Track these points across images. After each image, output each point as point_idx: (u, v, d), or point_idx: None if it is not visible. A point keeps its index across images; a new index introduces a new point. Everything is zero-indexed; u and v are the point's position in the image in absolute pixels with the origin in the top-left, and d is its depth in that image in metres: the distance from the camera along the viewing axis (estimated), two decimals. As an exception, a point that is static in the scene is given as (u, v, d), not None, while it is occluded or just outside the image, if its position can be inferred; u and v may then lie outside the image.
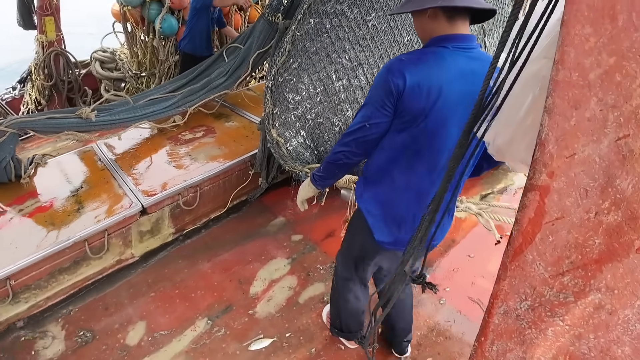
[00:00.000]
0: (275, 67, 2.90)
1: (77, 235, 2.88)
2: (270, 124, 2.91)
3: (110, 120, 3.49)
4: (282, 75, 2.89)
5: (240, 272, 3.15)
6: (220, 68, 4.13)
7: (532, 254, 0.72)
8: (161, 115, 3.80)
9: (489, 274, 3.08)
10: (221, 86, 4.01)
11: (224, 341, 2.67)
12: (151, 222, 3.26)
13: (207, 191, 3.50)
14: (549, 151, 0.69)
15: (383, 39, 3.02)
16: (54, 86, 5.53)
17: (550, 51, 0.82)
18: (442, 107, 1.62)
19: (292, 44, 2.89)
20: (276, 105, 2.90)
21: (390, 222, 1.90)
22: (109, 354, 2.64)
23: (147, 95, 3.88)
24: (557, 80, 0.67)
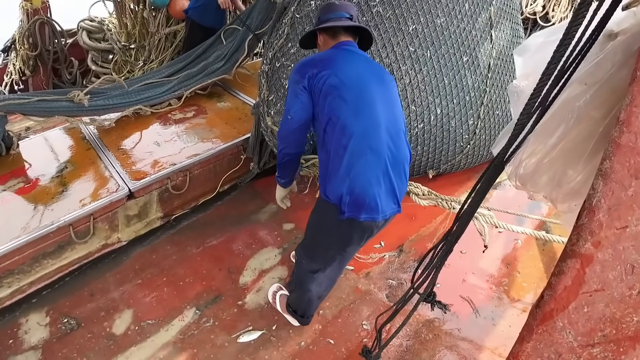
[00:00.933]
0: (272, 50, 2.78)
1: (62, 220, 2.79)
2: (265, 111, 2.80)
3: (103, 105, 3.37)
4: (280, 60, 2.77)
5: (230, 260, 3.09)
6: (218, 51, 4.00)
7: (562, 321, 0.67)
8: (157, 100, 3.69)
9: (480, 271, 3.05)
10: (219, 70, 3.90)
11: (212, 332, 2.63)
12: (139, 207, 3.17)
13: (197, 175, 3.41)
14: (599, 219, 0.62)
15: (387, 26, 2.89)
16: (38, 56, 5.34)
17: (590, 77, 0.74)
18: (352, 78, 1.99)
19: (291, 27, 2.76)
20: (272, 92, 2.79)
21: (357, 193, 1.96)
22: (94, 343, 2.59)
23: (142, 80, 3.75)
24: (619, 143, 0.60)
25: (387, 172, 1.97)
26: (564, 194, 0.90)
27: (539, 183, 0.90)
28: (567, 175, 0.87)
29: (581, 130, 0.81)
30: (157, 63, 5.33)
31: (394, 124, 2.02)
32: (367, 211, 1.96)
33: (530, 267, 3.16)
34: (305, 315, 2.58)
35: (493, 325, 2.76)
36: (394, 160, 1.99)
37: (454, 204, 2.35)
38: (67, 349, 2.56)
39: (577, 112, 0.79)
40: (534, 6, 6.55)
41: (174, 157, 3.34)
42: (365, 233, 2.09)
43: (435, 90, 3.07)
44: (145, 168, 3.21)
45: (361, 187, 1.93)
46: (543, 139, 0.85)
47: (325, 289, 2.49)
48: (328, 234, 2.17)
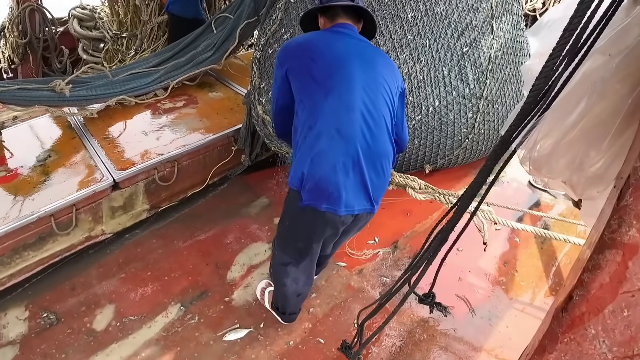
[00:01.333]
0: (265, 36, 2.66)
1: (42, 210, 2.68)
2: (257, 99, 2.69)
3: (86, 95, 3.25)
4: (272, 46, 2.66)
5: (218, 255, 2.97)
6: (208, 40, 3.87)
7: (596, 327, 0.55)
8: (142, 90, 3.56)
9: (477, 269, 2.95)
10: (208, 60, 3.78)
11: (197, 329, 2.52)
12: (124, 198, 3.05)
13: (185, 166, 3.29)
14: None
15: (385, 13, 2.77)
16: (28, 44, 5.21)
17: (614, 46, 0.63)
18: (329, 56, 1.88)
19: (284, 12, 2.65)
20: (263, 79, 2.68)
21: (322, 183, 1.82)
22: (74, 339, 2.47)
23: (128, 69, 3.63)
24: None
25: (358, 161, 1.79)
26: (586, 178, 0.79)
27: (556, 167, 0.79)
28: (589, 157, 0.76)
29: (605, 106, 0.70)
30: (149, 52, 5.21)
31: (373, 111, 1.83)
32: (328, 201, 1.79)
33: (529, 265, 3.06)
34: (286, 312, 2.46)
35: (490, 326, 2.66)
36: (369, 151, 1.81)
37: (452, 199, 2.24)
38: (46, 345, 2.44)
39: (600, 86, 0.68)
40: (534, 2, 6.46)
41: (162, 147, 3.22)
42: (327, 226, 1.92)
43: (434, 81, 2.95)
44: (131, 158, 3.09)
45: (323, 171, 1.76)
46: (561, 117, 0.74)
47: (303, 286, 2.35)
48: (293, 224, 2.04)
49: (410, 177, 2.41)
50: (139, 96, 3.63)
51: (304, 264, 2.20)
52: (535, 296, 2.86)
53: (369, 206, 1.89)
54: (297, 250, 2.13)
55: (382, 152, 1.86)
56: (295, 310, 2.49)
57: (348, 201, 1.80)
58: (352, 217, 1.90)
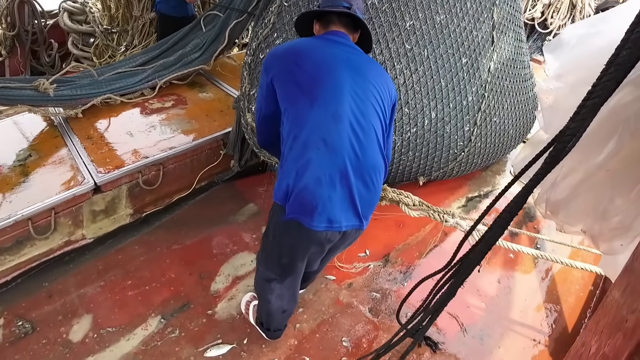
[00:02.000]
0: (257, 40, 2.56)
1: (19, 214, 2.55)
2: (246, 106, 2.59)
3: (70, 95, 3.13)
4: (264, 51, 2.55)
5: (202, 264, 2.86)
6: (197, 40, 3.77)
7: None
8: (129, 89, 3.45)
9: (469, 286, 2.87)
10: (197, 60, 3.68)
11: (177, 344, 2.41)
12: (106, 202, 2.94)
13: (171, 170, 3.18)
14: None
15: (382, 20, 2.67)
16: (16, 37, 5.09)
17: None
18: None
19: (277, 15, 2.54)
20: (254, 86, 2.58)
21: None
22: (49, 350, 2.36)
23: (114, 68, 3.51)
24: None
25: (345, 174, 1.67)
26: (610, 229, 0.70)
27: (576, 213, 0.70)
28: (614, 205, 0.67)
29: (638, 147, 0.61)
30: (140, 48, 5.09)
31: (363, 121, 1.73)
32: (312, 216, 1.67)
33: (522, 282, 2.99)
34: (271, 328, 2.35)
35: (481, 345, 2.59)
36: (357, 163, 1.69)
37: (447, 217, 2.15)
38: (20, 355, 2.32)
39: (634, 124, 0.59)
40: (532, 12, 6.41)
41: (147, 149, 3.10)
42: (312, 243, 1.81)
43: (431, 93, 2.86)
44: (114, 160, 2.97)
45: (307, 183, 1.64)
46: (585, 155, 0.65)
47: (288, 303, 2.23)
48: (277, 239, 1.92)
49: (403, 193, 2.32)
50: (126, 95, 3.50)
51: (288, 280, 2.10)
52: (528, 315, 2.79)
53: (357, 222, 1.77)
54: (281, 267, 2.02)
55: (371, 165, 1.74)
56: (280, 326, 2.39)
57: (335, 217, 1.69)
58: (339, 234, 1.79)
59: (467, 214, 3.51)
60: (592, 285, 3.07)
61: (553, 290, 2.99)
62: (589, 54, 0.69)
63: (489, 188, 3.81)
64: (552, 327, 2.75)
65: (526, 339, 2.67)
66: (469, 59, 2.94)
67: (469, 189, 3.76)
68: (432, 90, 2.86)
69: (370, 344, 2.51)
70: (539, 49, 6.58)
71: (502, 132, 3.37)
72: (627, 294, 0.60)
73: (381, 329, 2.58)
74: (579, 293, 3.01)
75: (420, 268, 2.97)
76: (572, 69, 0.75)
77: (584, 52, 0.72)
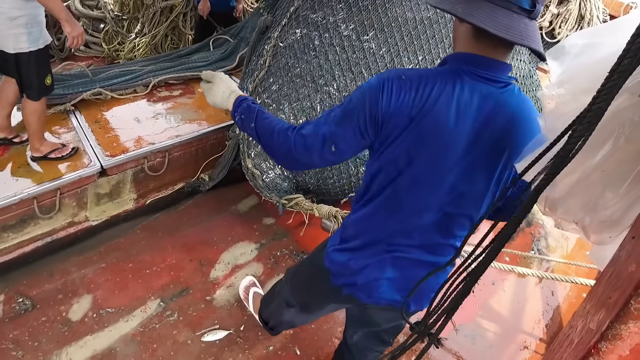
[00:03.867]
0: (253, 82, 2.51)
1: (25, 192, 2.59)
2: (246, 151, 2.61)
3: (61, 94, 3.15)
4: (261, 97, 2.52)
5: (203, 251, 2.90)
6: (203, 54, 3.82)
7: None
8: (121, 86, 3.47)
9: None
10: (198, 69, 3.72)
11: (175, 327, 2.46)
12: (110, 185, 2.97)
13: (176, 157, 3.21)
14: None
15: (380, 66, 2.62)
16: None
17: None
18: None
19: (273, 57, 2.48)
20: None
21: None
22: (48, 327, 2.40)
23: (110, 69, 3.54)
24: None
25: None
26: (599, 221, 0.74)
27: (571, 209, 0.74)
28: (604, 199, 0.71)
29: (631, 149, 0.65)
30: (150, 37, 5.11)
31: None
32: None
33: (516, 285, 3.04)
34: (275, 330, 2.29)
35: (473, 345, 2.63)
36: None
37: None
38: (19, 331, 2.36)
39: (629, 129, 0.63)
40: (540, 21, 6.43)
41: (153, 136, 3.13)
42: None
43: None
44: (122, 145, 3.00)
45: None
46: (583, 157, 0.69)
47: (300, 323, 2.17)
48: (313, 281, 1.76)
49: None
50: (117, 91, 3.48)
51: (305, 314, 1.97)
52: (521, 317, 2.83)
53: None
54: (305, 301, 1.89)
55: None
56: (283, 330, 2.34)
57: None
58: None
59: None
60: (585, 292, 3.11)
61: (546, 295, 3.03)
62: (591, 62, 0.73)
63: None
64: (544, 330, 2.80)
65: (518, 340, 2.72)
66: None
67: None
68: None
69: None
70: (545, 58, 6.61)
71: None
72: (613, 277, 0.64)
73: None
74: (571, 299, 3.06)
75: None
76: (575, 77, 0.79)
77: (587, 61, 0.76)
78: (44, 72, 2.57)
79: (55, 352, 2.28)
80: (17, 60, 2.45)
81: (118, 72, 3.57)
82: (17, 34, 2.37)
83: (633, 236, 0.63)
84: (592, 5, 6.27)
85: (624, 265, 0.61)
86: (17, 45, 2.41)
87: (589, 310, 0.68)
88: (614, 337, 0.52)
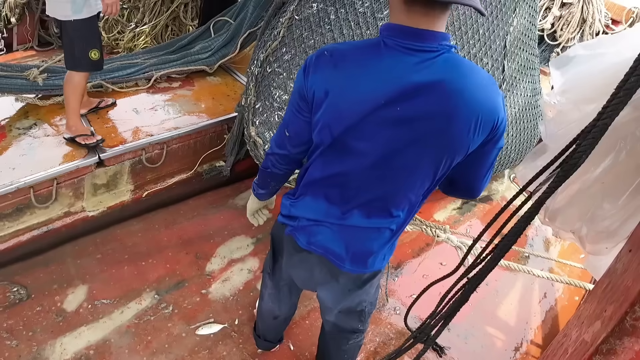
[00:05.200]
0: (265, 52, 2.52)
1: (22, 181, 2.58)
2: (250, 119, 2.60)
3: (61, 85, 3.14)
4: (272, 65, 2.53)
5: (199, 245, 2.91)
6: (205, 43, 3.78)
7: None
8: (122, 79, 3.45)
9: (460, 286, 2.93)
10: (201, 61, 3.70)
11: (170, 320, 2.46)
12: (108, 176, 2.96)
13: (174, 150, 3.20)
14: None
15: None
16: (27, 5, 5.05)
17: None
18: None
19: (287, 29, 2.49)
20: (259, 99, 2.58)
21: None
22: (42, 317, 2.40)
23: (112, 61, 3.51)
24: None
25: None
26: (596, 232, 0.75)
27: (569, 219, 0.75)
28: (602, 210, 0.72)
29: (631, 163, 0.66)
30: (150, 27, 5.08)
31: None
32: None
33: (509, 286, 3.06)
34: (259, 333, 2.31)
35: (465, 344, 2.65)
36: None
37: (439, 232, 2.22)
38: (14, 321, 2.37)
39: (630, 143, 0.64)
40: (542, 23, 6.42)
41: (152, 127, 3.12)
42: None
43: None
44: (119, 136, 3.00)
45: None
46: (584, 169, 0.69)
47: (280, 308, 2.08)
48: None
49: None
50: (118, 84, 3.48)
51: (278, 291, 1.98)
52: (513, 317, 2.85)
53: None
54: (273, 272, 1.94)
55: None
56: (268, 335, 2.31)
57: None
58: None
59: (462, 216, 3.57)
60: (577, 295, 3.13)
61: (540, 295, 3.05)
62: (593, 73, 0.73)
63: (485, 193, 3.86)
64: (537, 331, 2.82)
65: (510, 340, 2.74)
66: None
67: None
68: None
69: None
70: (546, 60, 6.61)
71: (503, 156, 3.40)
72: (608, 290, 0.65)
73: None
74: (563, 302, 3.08)
75: (411, 265, 3.02)
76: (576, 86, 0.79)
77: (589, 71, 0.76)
78: (87, 44, 2.65)
79: (49, 342, 2.29)
80: (61, 28, 2.61)
81: (120, 65, 3.54)
82: (63, 1, 2.49)
83: (630, 249, 0.63)
84: (595, 8, 6.27)
85: (620, 279, 0.62)
86: (64, 12, 2.53)
87: (584, 322, 0.69)
88: (608, 352, 0.53)
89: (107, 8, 2.62)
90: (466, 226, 3.49)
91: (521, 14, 3.09)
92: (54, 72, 3.25)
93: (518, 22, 3.09)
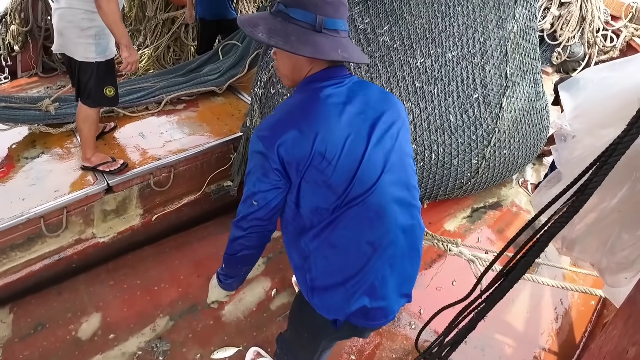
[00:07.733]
0: (267, 73, 2.54)
1: (32, 212, 2.59)
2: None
3: (73, 113, 3.18)
4: (275, 87, 2.55)
5: (211, 266, 2.88)
6: (214, 65, 3.82)
7: None
8: (133, 103, 3.48)
9: (474, 297, 2.90)
10: (210, 82, 3.74)
11: (184, 345, 2.46)
12: (117, 202, 2.98)
13: (182, 172, 3.21)
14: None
15: (394, 59, 2.66)
16: (29, 32, 5.12)
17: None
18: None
19: None
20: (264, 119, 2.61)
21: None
22: (58, 347, 2.40)
23: (121, 86, 3.55)
24: None
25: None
26: (616, 263, 0.74)
27: (588, 248, 0.74)
28: (621, 241, 0.71)
29: (648, 191, 0.65)
30: (152, 49, 5.13)
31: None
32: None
33: (525, 294, 3.03)
34: None
35: (482, 355, 2.62)
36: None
37: (451, 246, 2.21)
38: (29, 351, 2.37)
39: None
40: (542, 23, 6.43)
41: (158, 150, 3.14)
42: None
43: (440, 129, 2.89)
44: (127, 161, 3.01)
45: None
46: (601, 199, 0.69)
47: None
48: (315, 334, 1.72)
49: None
50: (129, 108, 3.52)
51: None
52: (530, 327, 2.82)
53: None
54: (314, 353, 1.83)
55: None
56: None
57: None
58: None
59: (473, 224, 3.55)
60: (592, 300, 3.10)
61: (555, 304, 3.02)
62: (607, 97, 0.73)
63: (494, 199, 3.84)
64: (554, 340, 2.78)
65: (527, 351, 2.70)
66: (480, 95, 2.95)
67: (474, 199, 3.79)
68: (441, 127, 2.88)
69: (373, 352, 2.55)
70: (548, 60, 6.60)
71: (510, 162, 3.38)
72: (630, 325, 0.64)
73: (383, 336, 2.62)
74: (579, 307, 3.04)
75: (423, 277, 3.00)
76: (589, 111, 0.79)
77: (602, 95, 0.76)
78: (104, 83, 2.68)
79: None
80: (80, 67, 2.58)
81: (130, 89, 3.57)
82: (86, 43, 2.50)
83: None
84: (593, 6, 6.26)
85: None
86: (85, 54, 2.53)
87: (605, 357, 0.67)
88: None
89: (128, 66, 2.62)
90: (477, 235, 3.47)
91: (521, 19, 3.10)
92: (65, 101, 3.29)
93: (518, 27, 3.09)
